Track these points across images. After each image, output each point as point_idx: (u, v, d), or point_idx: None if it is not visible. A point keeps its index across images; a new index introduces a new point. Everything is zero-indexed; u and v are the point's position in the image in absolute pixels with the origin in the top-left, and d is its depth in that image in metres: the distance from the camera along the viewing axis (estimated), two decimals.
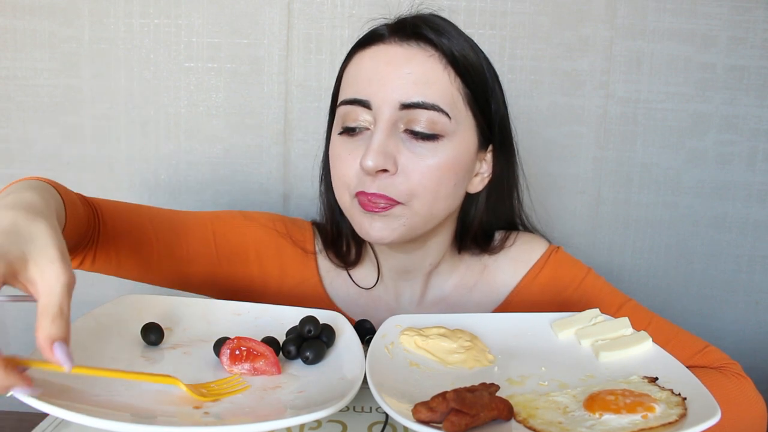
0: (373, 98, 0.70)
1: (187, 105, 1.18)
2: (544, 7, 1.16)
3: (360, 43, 0.75)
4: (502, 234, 0.84)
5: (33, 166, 1.20)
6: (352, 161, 0.71)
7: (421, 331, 0.63)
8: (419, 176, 0.69)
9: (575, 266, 0.84)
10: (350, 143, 0.72)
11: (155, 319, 0.62)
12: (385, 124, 0.69)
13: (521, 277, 0.83)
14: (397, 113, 0.69)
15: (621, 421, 0.47)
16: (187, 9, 1.15)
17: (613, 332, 0.63)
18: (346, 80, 0.75)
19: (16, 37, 1.16)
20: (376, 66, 0.71)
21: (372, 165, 0.67)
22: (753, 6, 1.16)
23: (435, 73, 0.70)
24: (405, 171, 0.69)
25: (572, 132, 1.19)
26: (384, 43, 0.72)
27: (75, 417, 0.42)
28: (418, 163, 0.69)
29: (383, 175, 0.69)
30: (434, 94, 0.69)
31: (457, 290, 0.83)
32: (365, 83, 0.71)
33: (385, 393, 0.49)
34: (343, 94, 0.74)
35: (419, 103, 0.69)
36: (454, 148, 0.71)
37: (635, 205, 1.21)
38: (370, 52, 0.72)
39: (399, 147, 0.69)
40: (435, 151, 0.69)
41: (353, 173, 0.71)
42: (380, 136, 0.69)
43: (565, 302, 0.81)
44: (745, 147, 1.20)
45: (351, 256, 0.83)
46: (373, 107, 0.70)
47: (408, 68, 0.69)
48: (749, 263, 1.23)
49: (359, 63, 0.73)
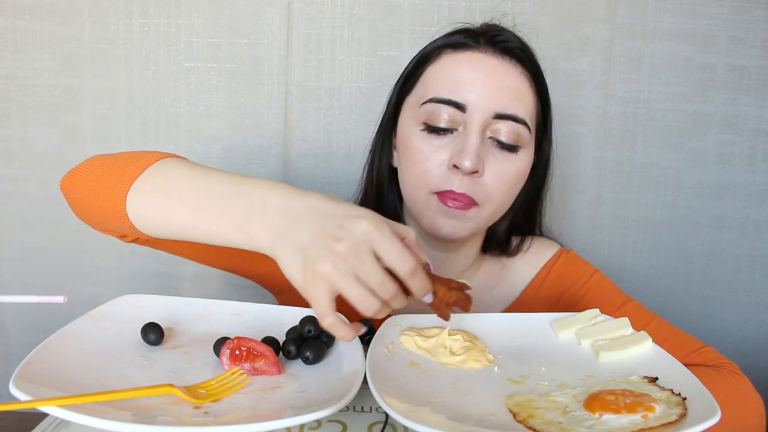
0: (470, 103, 0.73)
1: (187, 105, 1.18)
2: (544, 7, 1.16)
3: (449, 45, 0.77)
4: (518, 238, 0.89)
5: (33, 166, 1.20)
6: (437, 160, 0.74)
7: (421, 331, 0.63)
8: (499, 182, 0.75)
9: (584, 266, 0.88)
10: (435, 141, 0.75)
11: (155, 319, 0.62)
12: (479, 128, 0.73)
13: (533, 276, 0.88)
14: (489, 120, 0.73)
15: (621, 421, 0.47)
16: (187, 9, 1.15)
17: (613, 332, 0.63)
18: (434, 78, 0.77)
19: (16, 37, 1.16)
20: (476, 74, 0.74)
21: (470, 166, 0.71)
22: (753, 6, 1.16)
23: (525, 90, 0.76)
24: (488, 174, 0.74)
25: (572, 132, 1.19)
26: (479, 51, 0.75)
27: (75, 417, 0.42)
28: (500, 169, 0.74)
29: (472, 176, 0.73)
30: (524, 109, 0.75)
31: (478, 289, 0.86)
32: (463, 87, 0.74)
33: (385, 393, 0.49)
34: (434, 92, 0.75)
35: (512, 116, 0.74)
36: (525, 160, 0.77)
37: (635, 205, 1.22)
38: (466, 57, 0.75)
39: (487, 153, 0.74)
40: (513, 161, 0.75)
41: (437, 171, 0.74)
42: (476, 139, 0.72)
43: (570, 299, 0.84)
44: (745, 147, 1.20)
45: None
46: (468, 111, 0.73)
47: (505, 82, 0.74)
48: (749, 263, 1.23)
49: (454, 65, 0.76)
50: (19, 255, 1.23)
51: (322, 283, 0.51)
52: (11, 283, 1.23)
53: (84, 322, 0.60)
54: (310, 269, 0.51)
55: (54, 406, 0.43)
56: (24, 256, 1.23)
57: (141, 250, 1.23)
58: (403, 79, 0.81)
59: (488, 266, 0.89)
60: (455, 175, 0.73)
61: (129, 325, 0.62)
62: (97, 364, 0.54)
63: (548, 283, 0.87)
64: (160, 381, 0.51)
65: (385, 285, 0.52)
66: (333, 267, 0.50)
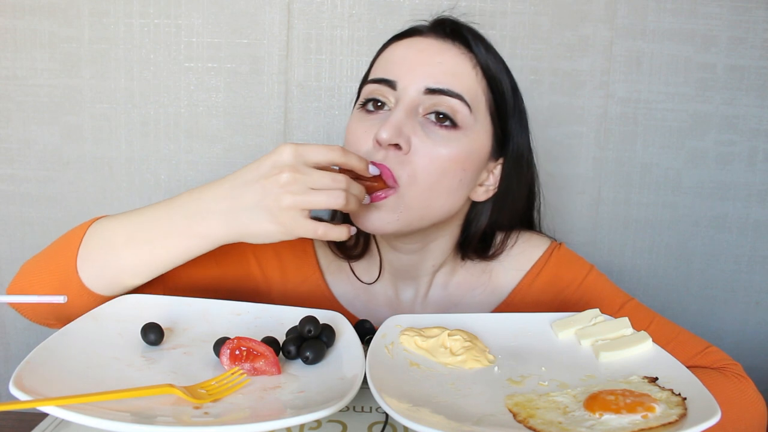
0: (400, 79, 0.71)
1: (187, 105, 1.18)
2: (544, 7, 1.16)
3: (395, 37, 0.77)
4: (503, 235, 0.84)
5: (33, 166, 1.20)
6: (366, 137, 0.71)
7: (421, 331, 0.63)
8: (427, 161, 0.69)
9: (577, 264, 0.84)
10: (368, 120, 0.73)
11: (155, 319, 0.62)
12: (407, 104, 0.70)
13: (522, 276, 0.83)
14: (420, 97, 0.70)
15: (621, 421, 0.47)
16: (187, 9, 1.15)
17: (613, 332, 0.63)
18: (376, 65, 0.77)
19: (16, 37, 1.16)
20: (408, 51, 0.73)
21: (387, 137, 0.67)
22: (753, 6, 1.16)
23: (464, 68, 0.72)
24: (416, 152, 0.69)
25: (572, 132, 1.19)
26: (421, 36, 0.75)
27: (75, 417, 0.42)
28: (431, 148, 0.69)
29: (394, 152, 0.69)
30: (460, 86, 0.71)
31: (458, 291, 0.84)
32: (395, 65, 0.73)
33: (385, 393, 0.49)
34: (371, 75, 0.76)
35: (444, 90, 0.70)
36: (467, 144, 0.71)
37: (635, 205, 1.21)
38: (406, 41, 0.75)
39: (416, 129, 0.70)
40: (449, 141, 0.70)
41: (365, 150, 0.70)
42: (400, 113, 0.69)
43: (566, 301, 0.81)
44: (745, 147, 1.20)
45: (357, 249, 0.84)
46: (399, 88, 0.71)
47: (439, 58, 0.72)
48: (749, 263, 1.23)
49: (392, 50, 0.75)
50: (19, 255, 1.23)
51: (293, 213, 0.59)
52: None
53: (84, 322, 0.60)
54: (276, 212, 0.59)
55: (54, 406, 0.43)
56: (24, 256, 1.23)
57: None
58: (362, 80, 0.80)
59: (467, 269, 0.84)
60: (378, 151, 0.69)
61: (129, 325, 0.62)
62: (97, 364, 0.54)
63: (538, 285, 0.82)
64: (160, 381, 0.51)
65: (336, 178, 0.60)
66: (291, 195, 0.59)
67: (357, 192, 0.63)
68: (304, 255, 0.84)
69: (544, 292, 0.82)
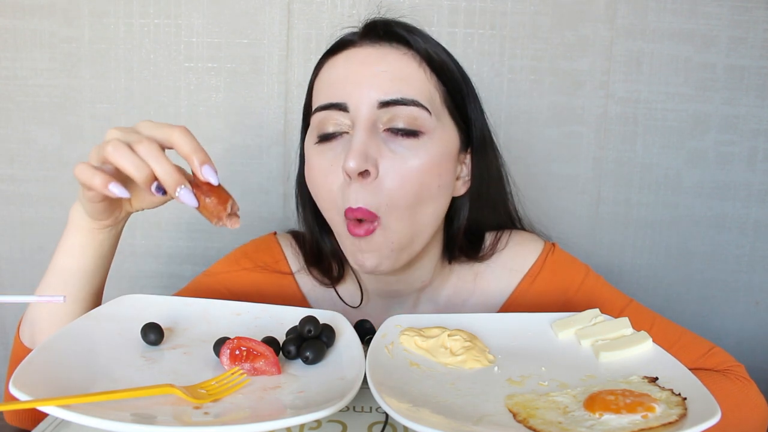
0: (349, 100, 0.67)
1: (187, 105, 1.18)
2: (544, 7, 1.16)
3: (329, 52, 0.73)
4: (493, 236, 0.81)
5: (33, 166, 1.20)
6: (333, 170, 0.67)
7: (421, 331, 0.63)
8: (401, 180, 0.66)
9: (573, 267, 0.82)
10: (329, 151, 0.68)
11: (155, 319, 0.62)
12: (364, 124, 0.66)
13: (517, 283, 0.80)
14: (375, 112, 0.66)
15: (621, 421, 0.47)
16: (187, 9, 1.15)
17: (614, 332, 0.63)
18: (318, 89, 0.72)
19: (16, 37, 1.16)
20: (349, 67, 0.69)
21: (354, 166, 0.63)
22: (753, 6, 1.16)
23: (410, 69, 0.68)
24: (386, 175, 0.66)
25: (572, 132, 1.19)
26: (355, 46, 0.70)
27: (75, 417, 0.42)
28: (400, 165, 0.66)
29: (364, 180, 0.65)
30: (412, 90, 0.67)
31: (450, 302, 0.81)
32: (339, 86, 0.68)
33: (385, 393, 0.49)
34: (317, 101, 0.71)
35: (398, 100, 0.66)
36: (435, 147, 0.68)
37: (635, 205, 1.21)
38: (342, 56, 0.70)
39: (380, 148, 0.66)
40: (416, 151, 0.67)
41: (338, 186, 0.67)
42: (361, 135, 0.65)
43: (565, 306, 0.79)
44: (745, 147, 1.20)
45: (334, 273, 0.81)
46: (351, 109, 0.67)
47: (382, 66, 0.68)
48: (749, 263, 1.23)
49: (330, 69, 0.71)
50: (19, 255, 1.23)
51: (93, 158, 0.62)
52: (11, 283, 1.24)
53: (84, 322, 0.60)
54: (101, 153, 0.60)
55: (54, 406, 0.43)
56: (24, 256, 1.23)
57: (141, 250, 1.23)
58: (305, 100, 0.77)
59: (458, 278, 0.81)
60: (350, 185, 0.65)
61: (129, 325, 0.62)
62: (97, 364, 0.54)
63: (535, 291, 0.79)
64: (160, 381, 0.51)
65: (152, 153, 0.57)
66: (106, 143, 0.59)
67: (166, 177, 0.56)
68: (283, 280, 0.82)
69: (541, 298, 0.80)
